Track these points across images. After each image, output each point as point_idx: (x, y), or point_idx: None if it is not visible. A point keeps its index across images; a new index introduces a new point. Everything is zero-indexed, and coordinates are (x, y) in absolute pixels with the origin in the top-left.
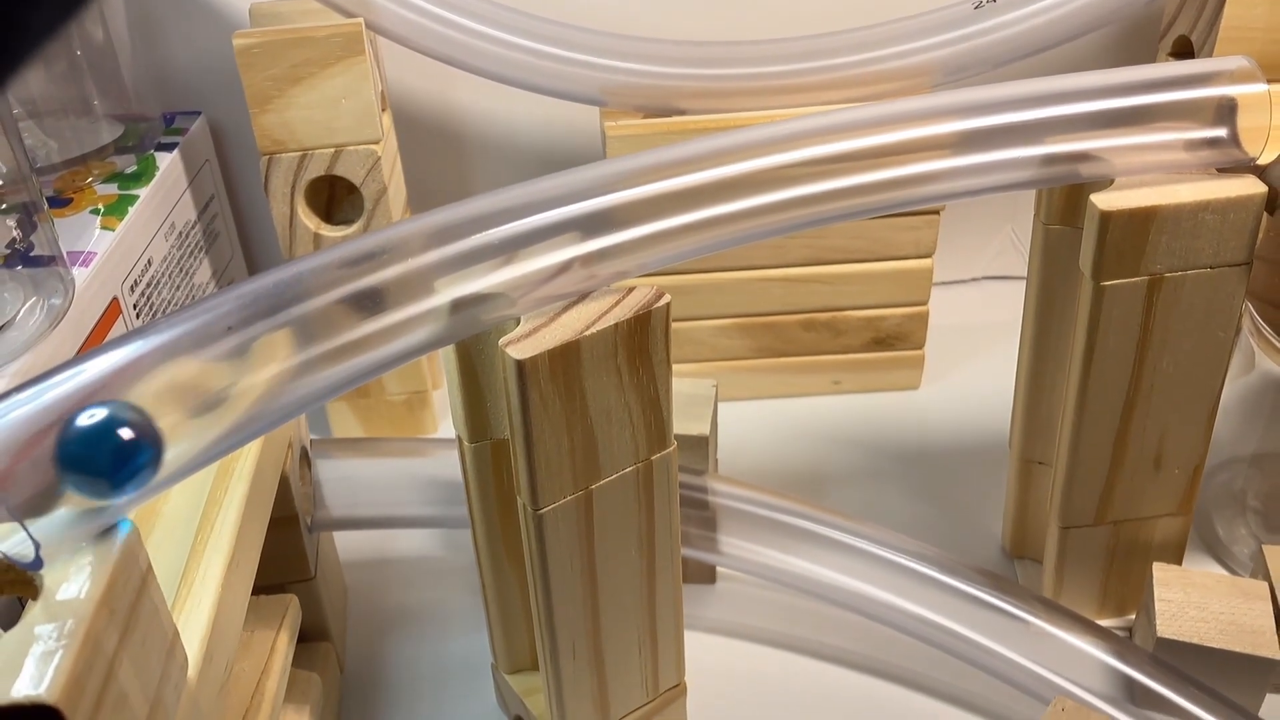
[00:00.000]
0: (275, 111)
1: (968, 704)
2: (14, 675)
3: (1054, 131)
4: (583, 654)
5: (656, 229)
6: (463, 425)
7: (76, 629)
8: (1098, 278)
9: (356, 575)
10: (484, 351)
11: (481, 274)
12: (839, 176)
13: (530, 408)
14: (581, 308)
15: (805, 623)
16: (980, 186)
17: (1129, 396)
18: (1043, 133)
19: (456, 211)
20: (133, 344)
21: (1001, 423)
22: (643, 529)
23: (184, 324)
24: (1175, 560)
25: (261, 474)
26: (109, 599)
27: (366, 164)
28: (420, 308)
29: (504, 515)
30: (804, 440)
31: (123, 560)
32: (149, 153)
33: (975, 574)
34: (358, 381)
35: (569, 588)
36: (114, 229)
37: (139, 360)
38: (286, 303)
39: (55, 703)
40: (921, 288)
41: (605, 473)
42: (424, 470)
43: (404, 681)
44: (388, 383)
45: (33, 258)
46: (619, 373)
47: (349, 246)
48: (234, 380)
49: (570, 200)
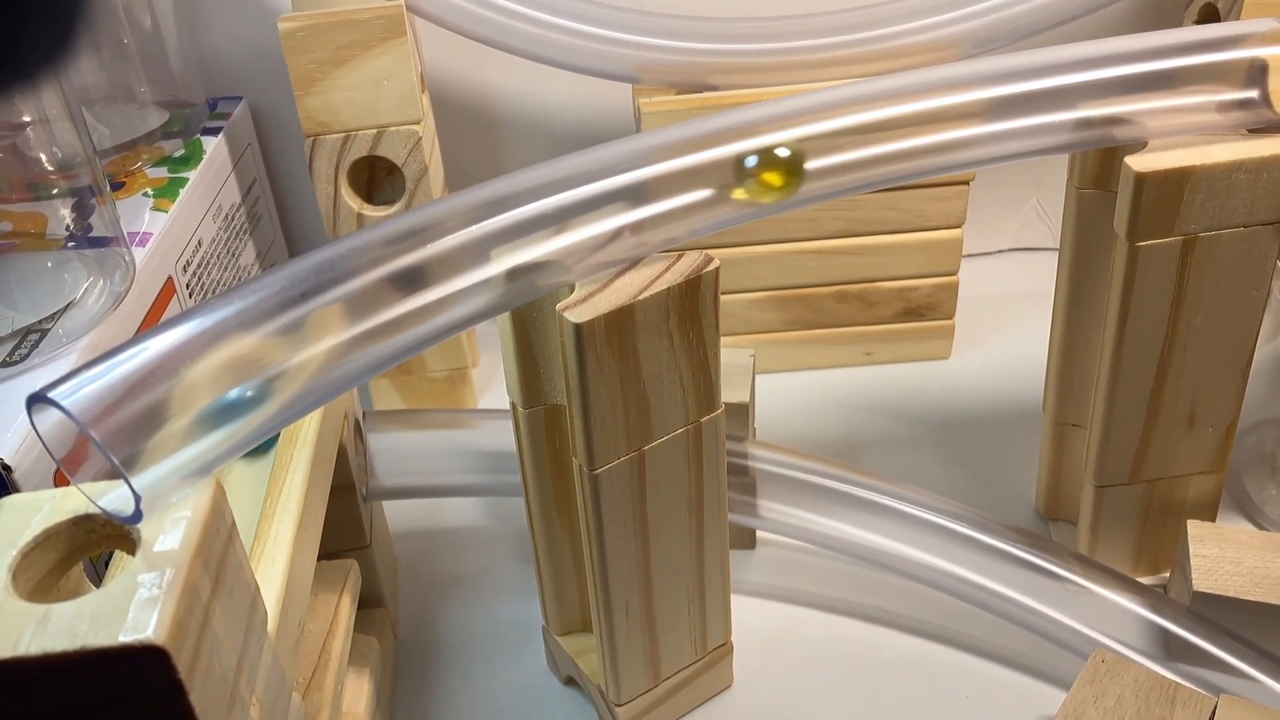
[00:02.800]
0: (319, 94)
1: (1008, 660)
2: (120, 620)
3: (1087, 96)
4: (635, 612)
5: (702, 197)
6: (517, 392)
7: (176, 577)
8: (1133, 239)
9: (405, 546)
10: (538, 319)
11: (536, 243)
12: (877, 144)
13: (587, 370)
14: (634, 274)
15: (845, 585)
16: (1014, 151)
17: (1163, 355)
18: (1076, 97)
19: (509, 183)
20: (204, 317)
21: (1032, 390)
22: (692, 489)
23: (252, 296)
24: (1209, 518)
25: (323, 442)
26: (202, 550)
27: (408, 144)
28: (477, 276)
29: (556, 479)
30: (837, 410)
31: (212, 514)
32: (195, 137)
33: (1013, 533)
34: (419, 348)
35: (623, 547)
36: (167, 210)
37: (213, 330)
38: (346, 275)
39: (163, 644)
40: (951, 258)
41: (657, 434)
42: (471, 440)
43: (456, 647)
44: (429, 360)
45: (94, 239)
46: (670, 336)
47: (404, 220)
48: (295, 352)
49: (618, 170)
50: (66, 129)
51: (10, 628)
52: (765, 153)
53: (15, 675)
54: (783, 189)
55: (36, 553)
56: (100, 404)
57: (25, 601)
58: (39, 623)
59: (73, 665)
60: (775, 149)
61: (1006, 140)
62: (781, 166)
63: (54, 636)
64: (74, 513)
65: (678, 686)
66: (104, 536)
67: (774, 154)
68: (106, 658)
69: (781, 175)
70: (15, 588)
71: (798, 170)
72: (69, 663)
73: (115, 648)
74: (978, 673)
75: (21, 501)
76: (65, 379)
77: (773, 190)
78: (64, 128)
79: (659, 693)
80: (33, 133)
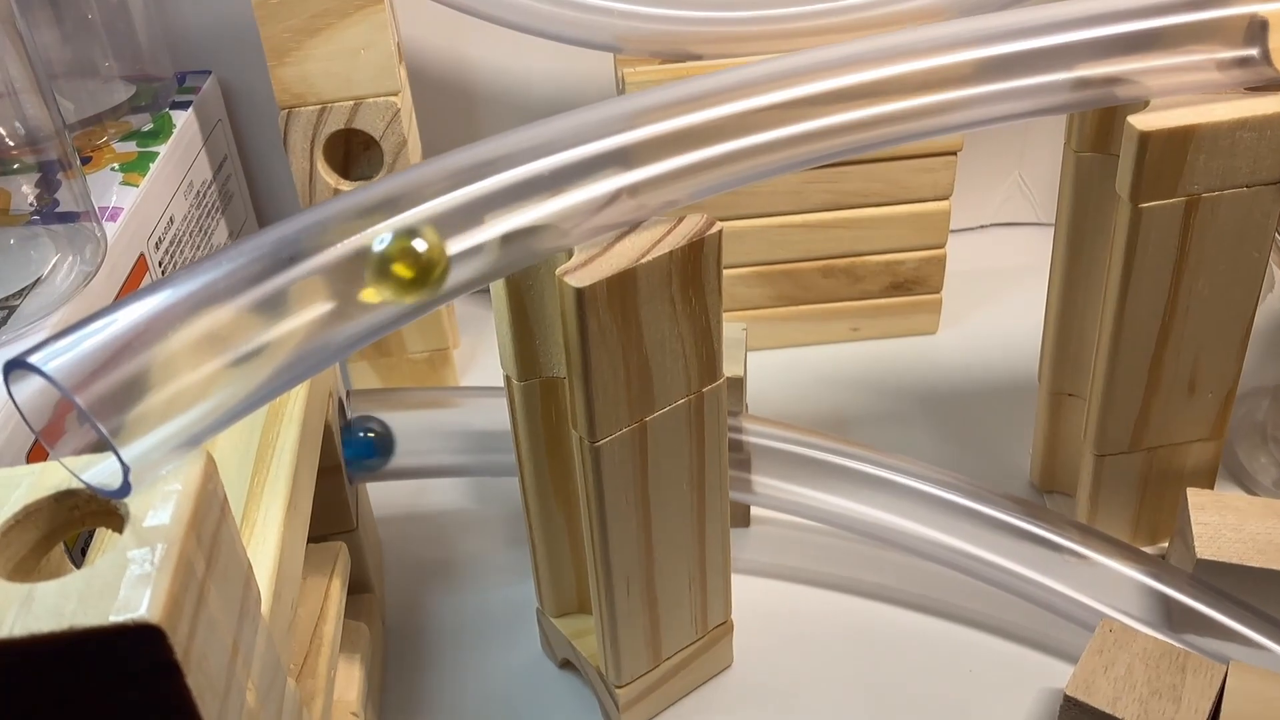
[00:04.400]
0: (294, 64)
1: (1010, 634)
2: (111, 598)
3: (1084, 55)
4: (636, 590)
5: (697, 158)
6: (512, 364)
7: (170, 552)
8: (1136, 200)
9: (389, 530)
10: (534, 287)
11: (531, 205)
12: (878, 103)
13: (589, 337)
14: (634, 237)
15: (842, 561)
16: (1012, 112)
17: (1164, 320)
18: (1073, 57)
19: (500, 144)
20: (186, 282)
21: (1021, 364)
22: (694, 462)
23: (238, 259)
24: (1207, 486)
25: (310, 420)
26: (195, 525)
27: (386, 116)
28: (470, 240)
29: (552, 455)
30: (826, 386)
31: (204, 487)
32: (164, 111)
33: (1013, 503)
34: (413, 315)
35: (624, 523)
36: (137, 185)
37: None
38: (335, 238)
39: (158, 622)
40: (939, 230)
41: (659, 405)
42: (459, 419)
43: (446, 632)
44: (409, 340)
45: (60, 214)
46: (673, 301)
47: (395, 181)
48: (282, 319)
49: (613, 131)
50: (32, 101)
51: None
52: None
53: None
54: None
55: (16, 531)
56: (83, 370)
57: (6, 581)
58: (22, 603)
59: (61, 647)
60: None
61: (1003, 101)
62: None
63: (39, 617)
64: (56, 488)
65: (678, 667)
66: (88, 513)
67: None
68: (97, 639)
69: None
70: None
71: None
72: (56, 645)
73: (107, 627)
74: (981, 646)
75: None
76: (44, 344)
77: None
78: (29, 100)
79: (659, 673)
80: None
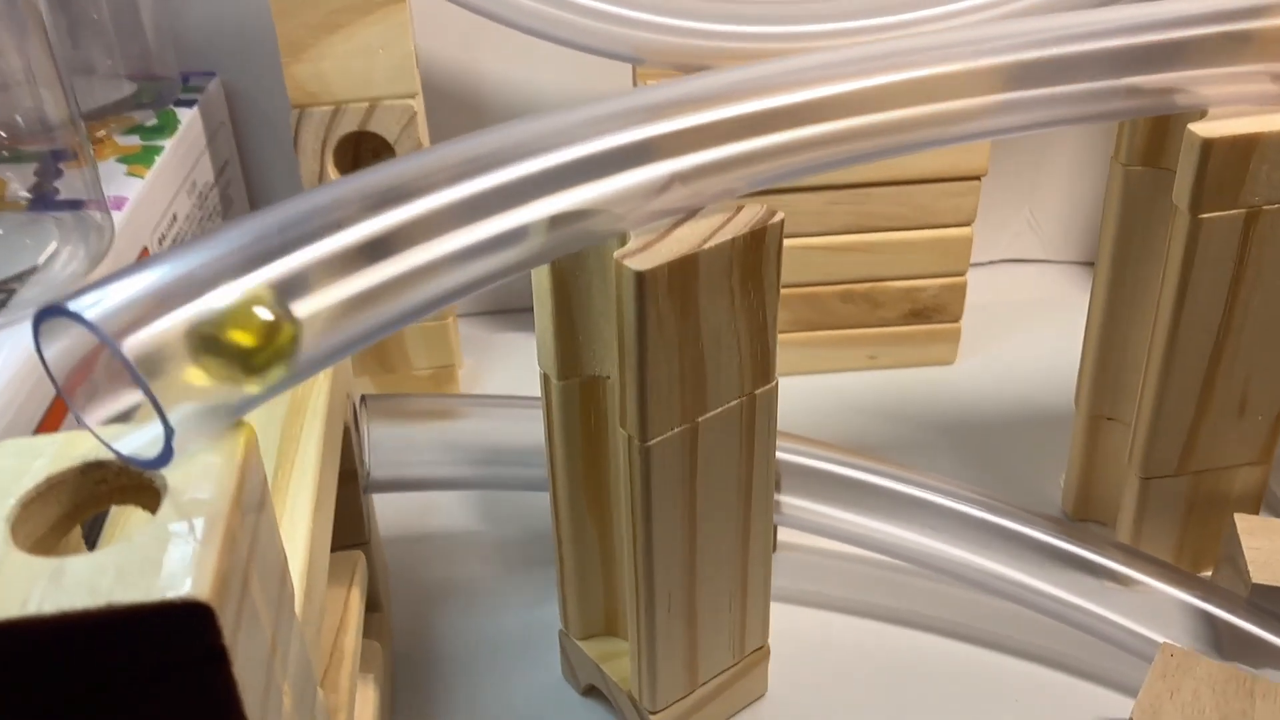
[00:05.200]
0: (309, 61)
1: (1054, 662)
2: (154, 573)
3: (1137, 62)
4: (678, 607)
5: (751, 147)
6: (551, 361)
7: (215, 527)
8: (1195, 211)
9: (393, 551)
10: (580, 277)
11: (582, 186)
12: (930, 102)
13: (647, 326)
14: (692, 224)
15: (874, 589)
16: (1065, 117)
17: (1219, 338)
18: (1126, 62)
19: (545, 124)
20: (228, 237)
21: (1041, 395)
22: (742, 469)
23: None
24: (1253, 511)
25: (333, 415)
26: (240, 501)
27: (402, 120)
28: (516, 219)
29: (588, 463)
30: (844, 414)
31: (247, 462)
32: (168, 107)
33: (1055, 525)
34: (455, 296)
35: (670, 532)
36: (142, 177)
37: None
38: (393, 199)
39: (208, 600)
40: (960, 257)
41: (711, 405)
42: (480, 430)
43: (459, 658)
44: (414, 357)
45: (58, 202)
46: (732, 293)
47: (437, 153)
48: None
49: (663, 116)
50: (36, 90)
51: (15, 584)
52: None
53: (23, 641)
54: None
55: (38, 504)
56: (126, 320)
57: (30, 555)
58: (51, 578)
59: (95, 628)
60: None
61: (1056, 106)
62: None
63: (71, 593)
64: (83, 459)
65: (713, 693)
66: (117, 488)
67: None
68: (138, 618)
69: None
70: (16, 541)
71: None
72: (90, 625)
73: (151, 605)
74: (1025, 675)
75: (17, 446)
76: (80, 292)
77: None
78: (34, 88)
79: (694, 699)
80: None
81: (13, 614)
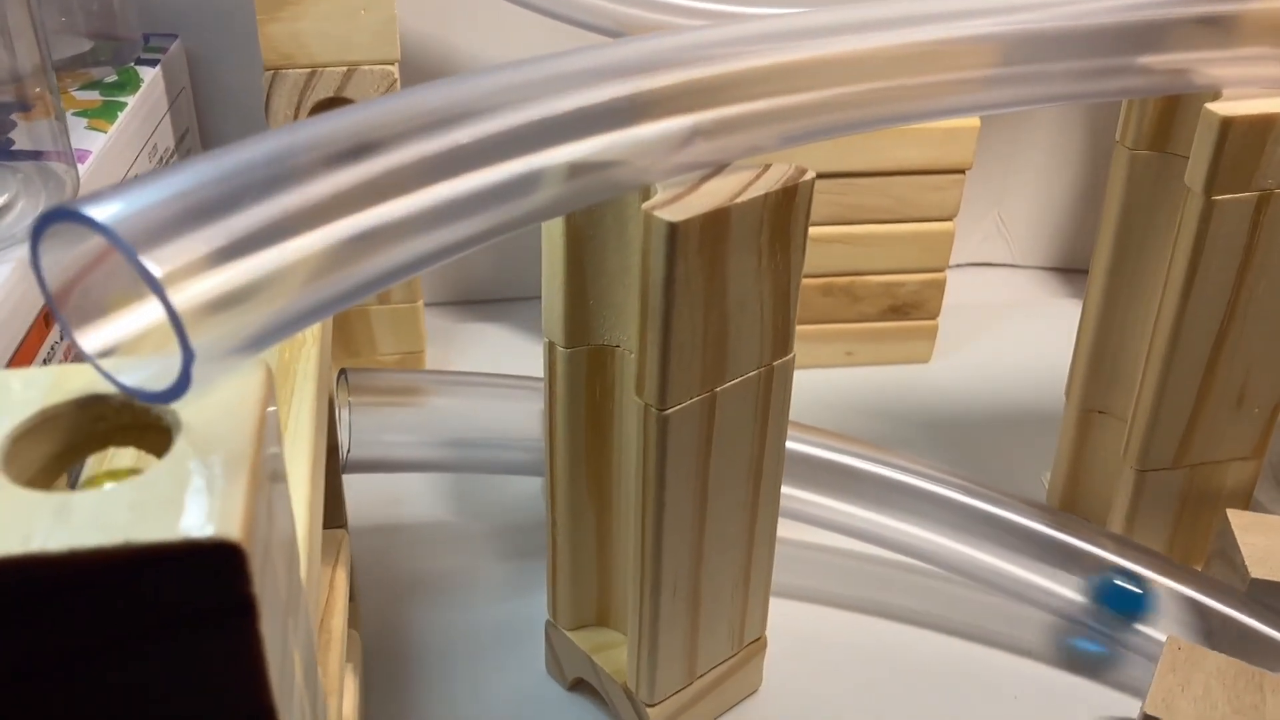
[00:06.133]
0: (286, 20)
1: (1050, 659)
2: (175, 509)
3: (1149, 41)
4: (683, 591)
5: (774, 105)
6: (559, 328)
7: (240, 465)
8: (1209, 192)
9: (359, 543)
10: (596, 236)
11: (604, 134)
12: (951, 69)
13: (675, 282)
14: (721, 179)
15: (866, 583)
16: (1079, 92)
17: (1222, 326)
18: (1140, 39)
19: (566, 62)
20: (256, 146)
21: (1018, 394)
22: (755, 447)
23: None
24: (1243, 507)
25: (323, 379)
26: (260, 441)
27: (381, 86)
28: (531, 164)
29: (592, 438)
30: (823, 410)
31: (265, 401)
32: (129, 65)
33: (1057, 518)
34: (465, 248)
35: (681, 509)
36: (104, 131)
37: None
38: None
39: (239, 540)
40: (941, 253)
41: (730, 374)
42: (461, 409)
43: (432, 655)
44: (380, 341)
45: (12, 152)
46: (760, 254)
47: (442, 90)
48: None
49: (685, 62)
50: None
51: (13, 519)
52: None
53: (25, 581)
54: None
55: (28, 439)
56: (150, 230)
57: (24, 489)
58: (56, 514)
59: (109, 569)
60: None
61: (1071, 81)
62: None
63: (81, 530)
64: (80, 392)
65: (711, 685)
66: (116, 426)
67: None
68: (160, 559)
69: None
70: (10, 474)
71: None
72: (104, 565)
73: (175, 544)
74: (1022, 673)
75: (3, 379)
76: (94, 196)
77: None
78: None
79: (692, 692)
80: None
81: (14, 550)
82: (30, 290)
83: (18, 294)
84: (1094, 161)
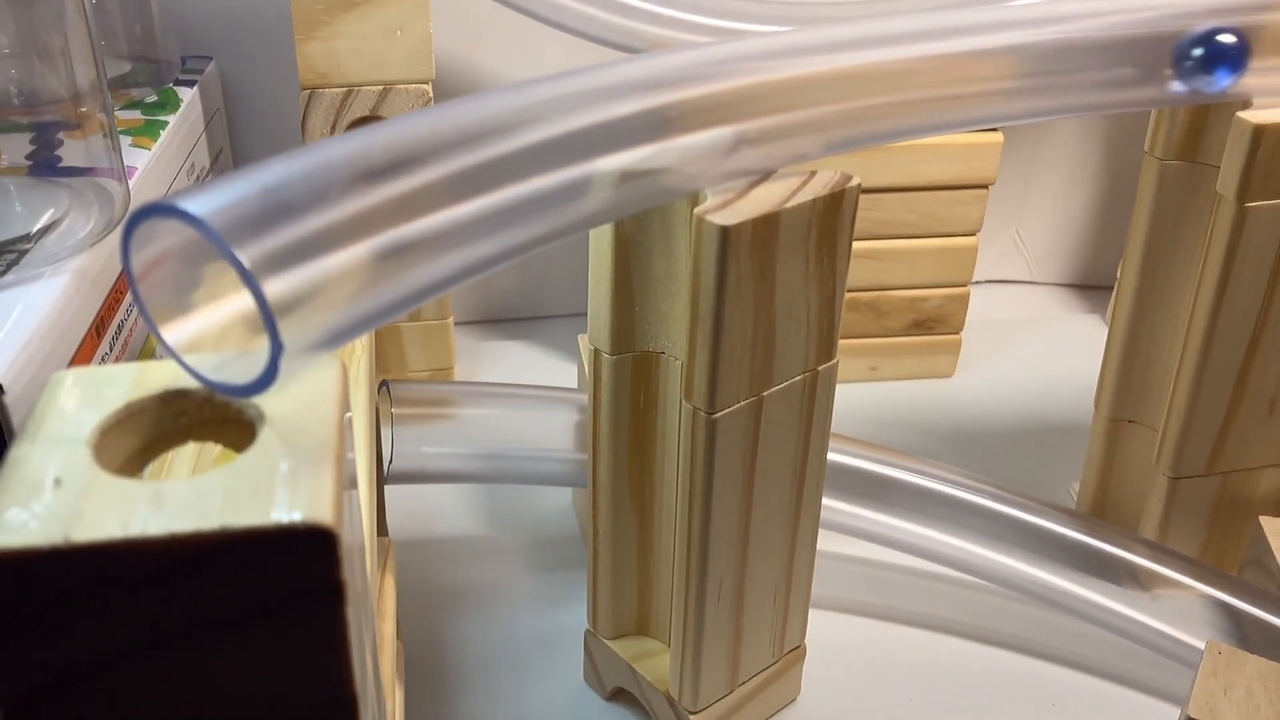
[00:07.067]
0: (322, 39)
1: (1089, 668)
2: (266, 497)
3: None
4: (727, 596)
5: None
6: (606, 334)
7: (326, 453)
8: (1242, 199)
9: (397, 556)
10: (643, 243)
11: (651, 142)
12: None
13: (726, 285)
14: (769, 185)
15: (903, 594)
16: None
17: (1254, 333)
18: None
19: (614, 73)
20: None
21: (1043, 409)
22: (799, 452)
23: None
24: (1276, 514)
25: (371, 386)
26: (342, 431)
27: (417, 105)
28: (581, 171)
29: (635, 445)
30: (848, 425)
31: (343, 395)
32: (168, 85)
33: (1086, 522)
34: (524, 251)
35: (727, 514)
36: (149, 148)
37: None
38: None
39: (331, 525)
40: (965, 268)
41: (777, 379)
42: (501, 419)
43: (471, 666)
44: (411, 357)
45: (62, 168)
46: (807, 258)
47: (498, 100)
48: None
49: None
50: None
51: (111, 506)
52: None
53: (124, 566)
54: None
55: (116, 432)
56: (240, 224)
57: (116, 477)
58: (151, 501)
59: (205, 554)
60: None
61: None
62: None
63: (177, 516)
64: (163, 387)
65: (752, 693)
66: (197, 421)
67: None
68: (255, 543)
69: None
70: (102, 465)
71: None
72: (201, 550)
73: (270, 528)
74: (1061, 681)
75: (88, 375)
76: (187, 193)
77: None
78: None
79: (734, 699)
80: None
81: (115, 534)
82: (84, 301)
83: (74, 305)
84: (1111, 178)
